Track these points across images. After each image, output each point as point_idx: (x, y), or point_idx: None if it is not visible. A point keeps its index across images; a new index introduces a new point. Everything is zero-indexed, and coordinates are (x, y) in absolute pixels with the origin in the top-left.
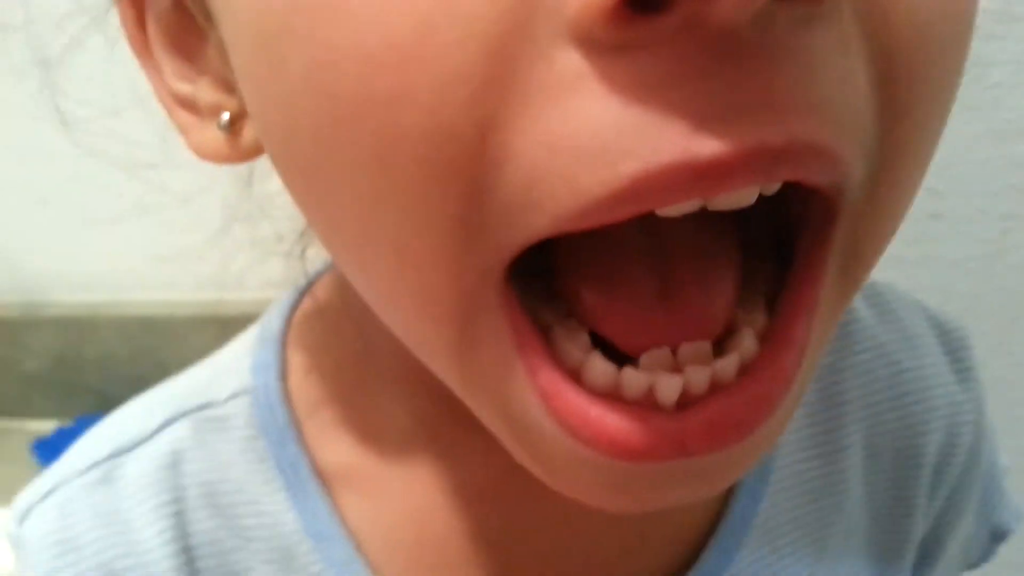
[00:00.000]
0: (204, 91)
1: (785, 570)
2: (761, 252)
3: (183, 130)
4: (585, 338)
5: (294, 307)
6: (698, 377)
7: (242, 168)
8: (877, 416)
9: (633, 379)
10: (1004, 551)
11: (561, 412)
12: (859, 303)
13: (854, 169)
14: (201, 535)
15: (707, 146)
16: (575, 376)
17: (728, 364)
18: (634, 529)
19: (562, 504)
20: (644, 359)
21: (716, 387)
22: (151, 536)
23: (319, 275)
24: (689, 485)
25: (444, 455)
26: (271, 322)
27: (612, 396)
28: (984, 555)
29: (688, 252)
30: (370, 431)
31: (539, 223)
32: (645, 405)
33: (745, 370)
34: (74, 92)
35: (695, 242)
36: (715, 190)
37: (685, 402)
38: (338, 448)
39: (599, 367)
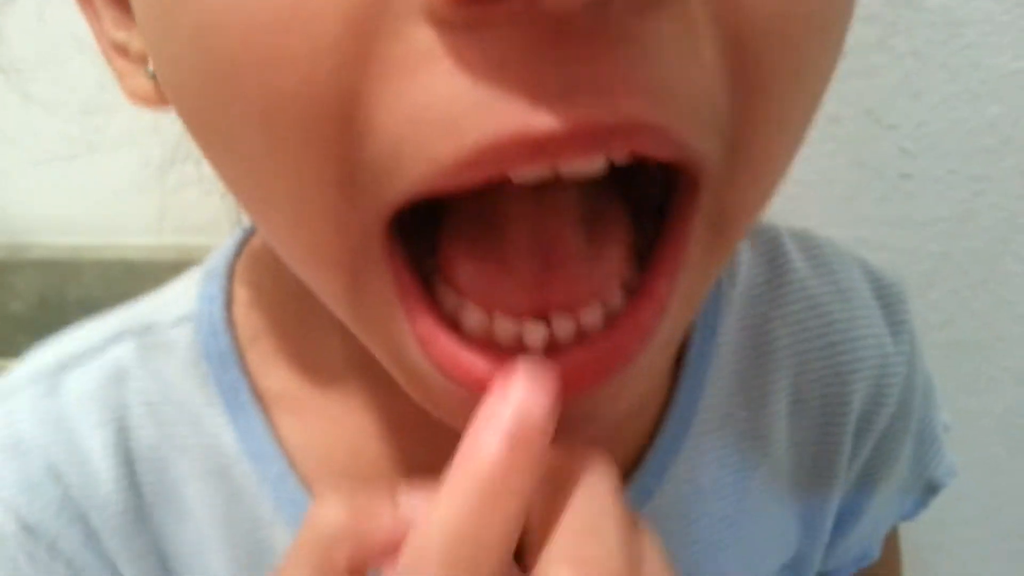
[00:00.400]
0: (135, 39)
1: (706, 508)
2: (644, 213)
3: (119, 75)
4: None
5: (241, 245)
6: (564, 327)
7: None
8: (806, 364)
9: (503, 327)
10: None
11: (436, 356)
12: (795, 255)
13: (700, 145)
14: (143, 449)
15: (542, 121)
16: (452, 322)
17: (592, 315)
18: None
19: None
20: (526, 326)
21: (582, 337)
22: (95, 446)
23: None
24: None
25: (375, 387)
26: (218, 259)
27: (485, 342)
28: (917, 508)
29: (573, 223)
30: (307, 362)
31: (403, 186)
32: (515, 350)
33: (611, 322)
34: None
35: (580, 216)
36: (555, 160)
37: (554, 349)
38: (277, 375)
39: (473, 315)
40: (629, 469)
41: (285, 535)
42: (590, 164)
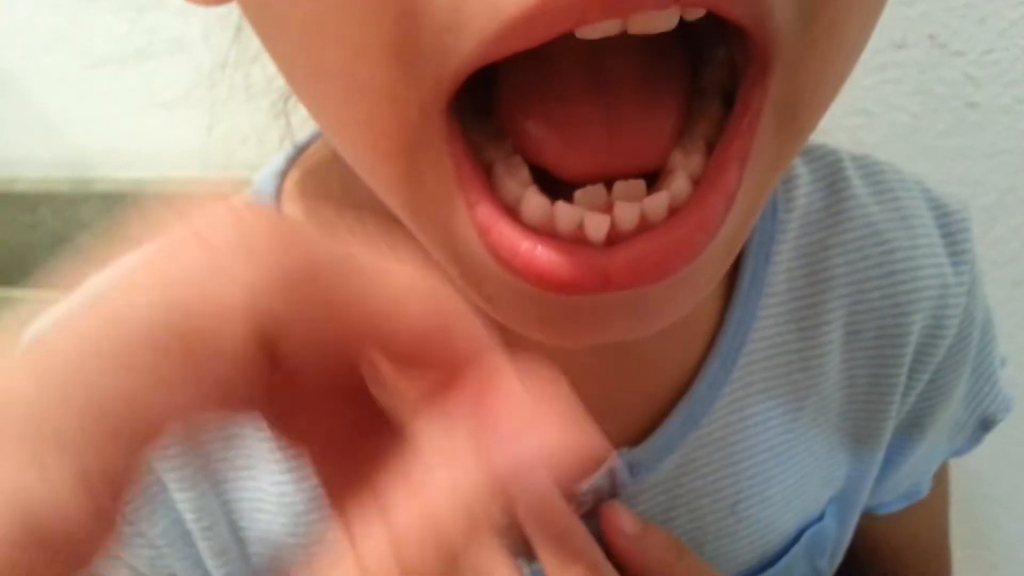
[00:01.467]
0: None
1: (753, 437)
2: (708, 100)
3: None
4: (525, 174)
5: (289, 163)
6: (627, 214)
7: None
8: (863, 294)
9: (565, 213)
10: None
11: (495, 245)
12: (856, 180)
13: (774, 7)
14: None
15: None
16: (512, 212)
17: (657, 203)
18: (601, 388)
19: (527, 358)
20: (578, 195)
21: (645, 227)
22: None
23: (310, 140)
24: (617, 321)
25: None
26: (266, 176)
27: (546, 232)
28: (971, 443)
29: (632, 87)
30: None
31: (466, 47)
32: (576, 240)
33: (676, 212)
34: None
35: (640, 79)
36: (626, 11)
37: (614, 240)
38: None
39: (534, 201)
40: (675, 396)
41: None
42: (663, 19)
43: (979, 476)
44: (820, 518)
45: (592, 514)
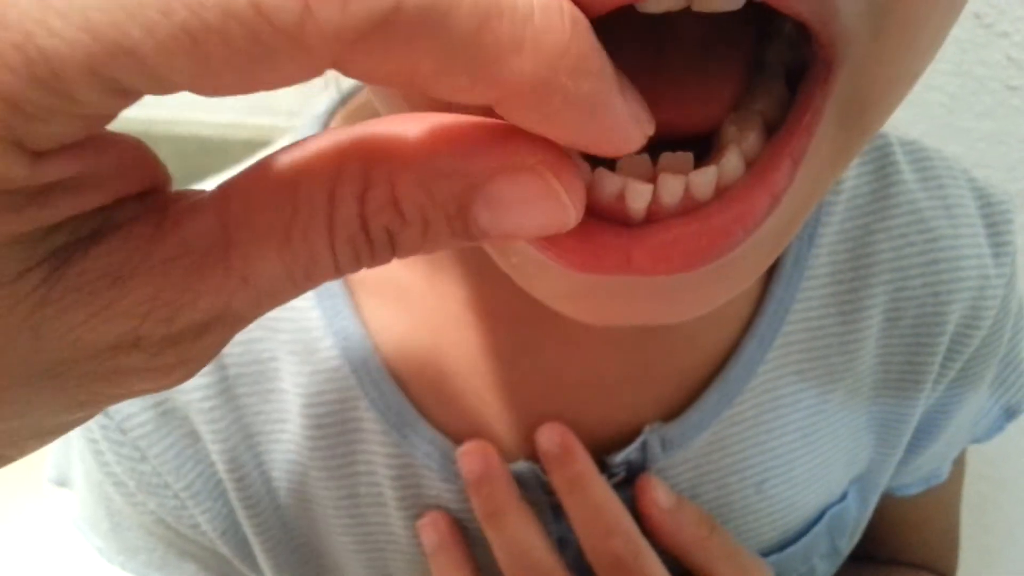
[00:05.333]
0: None
1: (784, 418)
2: (770, 77)
3: None
4: None
5: (329, 117)
6: (671, 187)
7: None
8: (905, 281)
9: (607, 180)
10: None
11: None
12: (904, 166)
13: (841, 2)
14: None
15: None
16: None
17: (705, 179)
18: (638, 360)
19: (568, 328)
20: (621, 162)
21: (689, 206)
22: None
23: (355, 88)
24: (643, 307)
25: (464, 272)
26: (307, 124)
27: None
28: (993, 430)
29: (687, 49)
30: None
31: None
32: (613, 214)
33: (722, 195)
34: None
35: (697, 44)
36: None
37: (654, 217)
38: None
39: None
40: (711, 373)
41: (370, 415)
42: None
43: (980, 459)
44: (842, 498)
45: (622, 486)
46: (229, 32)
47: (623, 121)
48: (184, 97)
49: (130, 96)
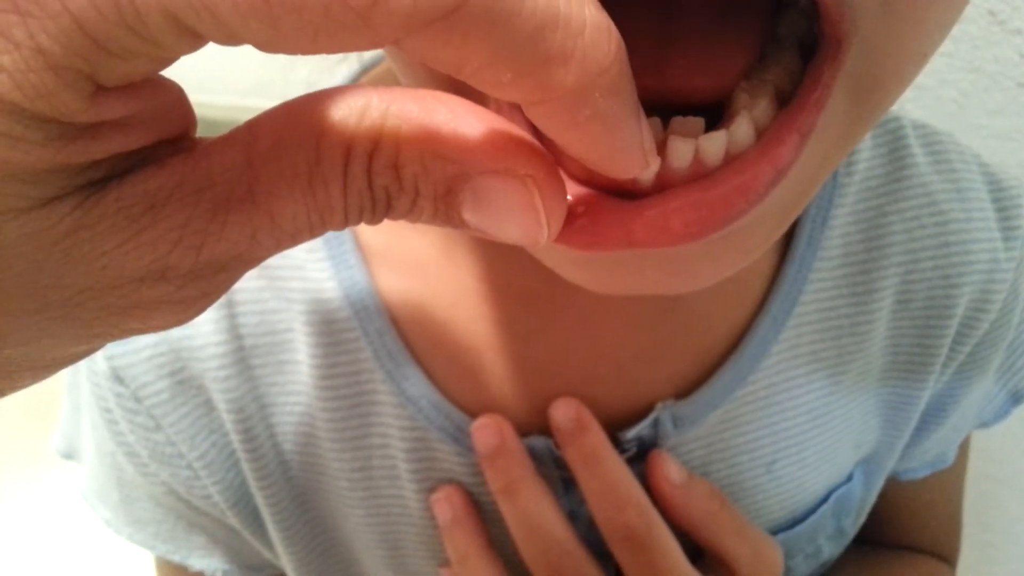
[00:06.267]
0: None
1: (796, 399)
2: (784, 47)
3: None
4: None
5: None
6: (681, 150)
7: None
8: (916, 263)
9: None
10: None
11: None
12: (917, 149)
13: None
14: (244, 293)
15: None
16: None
17: (715, 145)
18: (652, 338)
19: (583, 304)
20: None
21: (699, 172)
22: None
23: (376, 59)
24: (652, 276)
25: (482, 247)
26: None
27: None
28: (999, 415)
29: (699, 13)
30: None
31: None
32: (624, 183)
33: (732, 161)
34: None
35: (710, 9)
36: None
37: (664, 184)
38: (382, 228)
39: None
40: (724, 352)
41: (385, 387)
42: None
43: (982, 458)
44: (848, 480)
45: (633, 461)
46: (303, 4)
47: (635, 144)
48: (191, 78)
49: (203, 40)
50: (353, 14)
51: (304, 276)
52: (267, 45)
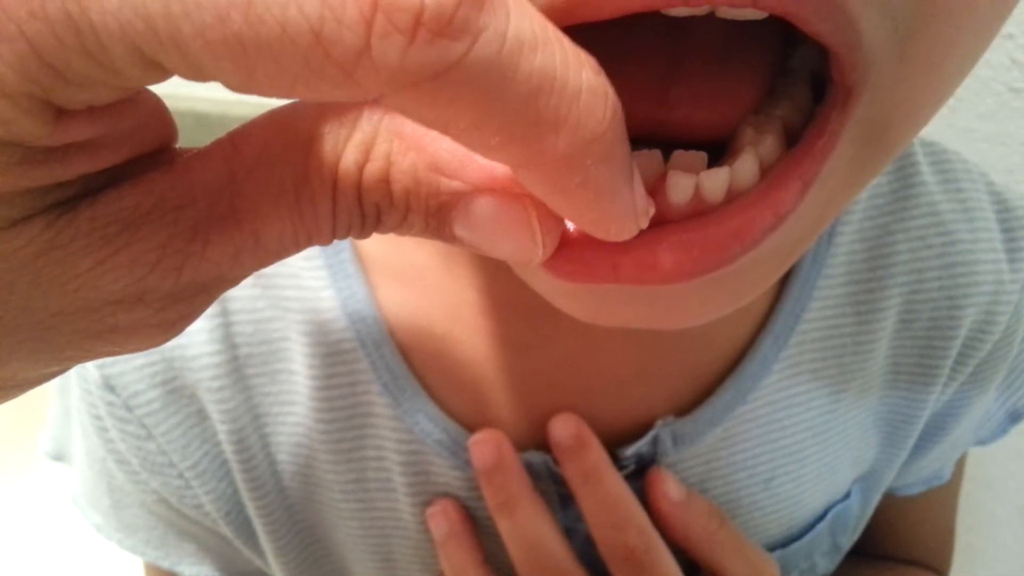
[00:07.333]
0: None
1: (796, 416)
2: (794, 82)
3: None
4: None
5: None
6: (680, 186)
7: None
8: (921, 283)
9: None
10: None
11: None
12: (925, 167)
13: (867, 24)
14: (239, 301)
15: None
16: None
17: (716, 181)
18: (652, 355)
19: (583, 321)
20: (637, 157)
21: (700, 210)
22: None
23: None
24: (635, 310)
25: (483, 261)
26: None
27: None
28: (997, 433)
29: (707, 45)
30: None
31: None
32: None
33: (734, 200)
34: None
35: (718, 43)
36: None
37: (662, 218)
38: (381, 239)
39: None
40: (724, 369)
41: (382, 400)
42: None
43: (967, 460)
44: (846, 497)
45: (631, 478)
46: (282, 52)
47: (625, 211)
48: None
49: (168, 74)
50: (335, 67)
51: (300, 285)
52: (239, 87)
